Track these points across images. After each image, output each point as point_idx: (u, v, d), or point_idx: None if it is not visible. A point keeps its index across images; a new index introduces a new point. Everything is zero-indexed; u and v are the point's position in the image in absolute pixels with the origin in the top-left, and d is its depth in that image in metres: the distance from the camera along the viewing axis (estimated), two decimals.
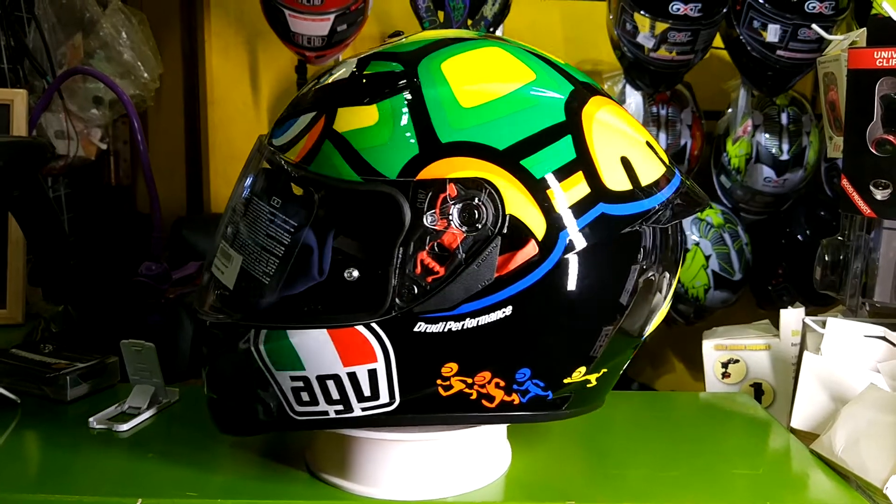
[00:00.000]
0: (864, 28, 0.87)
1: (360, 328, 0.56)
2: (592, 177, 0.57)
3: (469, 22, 1.49)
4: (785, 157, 1.68)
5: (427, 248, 0.54)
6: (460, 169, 0.54)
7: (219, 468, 0.69)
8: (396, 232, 0.54)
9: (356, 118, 0.56)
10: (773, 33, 1.49)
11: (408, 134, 0.55)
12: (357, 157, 0.55)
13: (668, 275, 0.62)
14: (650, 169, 0.61)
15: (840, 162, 0.89)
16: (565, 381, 0.60)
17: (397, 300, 0.55)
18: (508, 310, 0.55)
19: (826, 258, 0.98)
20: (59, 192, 1.46)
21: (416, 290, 0.55)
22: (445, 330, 0.55)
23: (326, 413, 0.59)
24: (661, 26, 1.49)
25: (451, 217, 0.54)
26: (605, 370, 0.63)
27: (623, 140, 0.60)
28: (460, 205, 0.54)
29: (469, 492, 0.65)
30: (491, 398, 0.59)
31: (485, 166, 0.55)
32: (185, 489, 0.64)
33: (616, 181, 0.58)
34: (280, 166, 0.59)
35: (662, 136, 1.70)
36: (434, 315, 0.55)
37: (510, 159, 0.55)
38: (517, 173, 0.55)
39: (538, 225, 0.55)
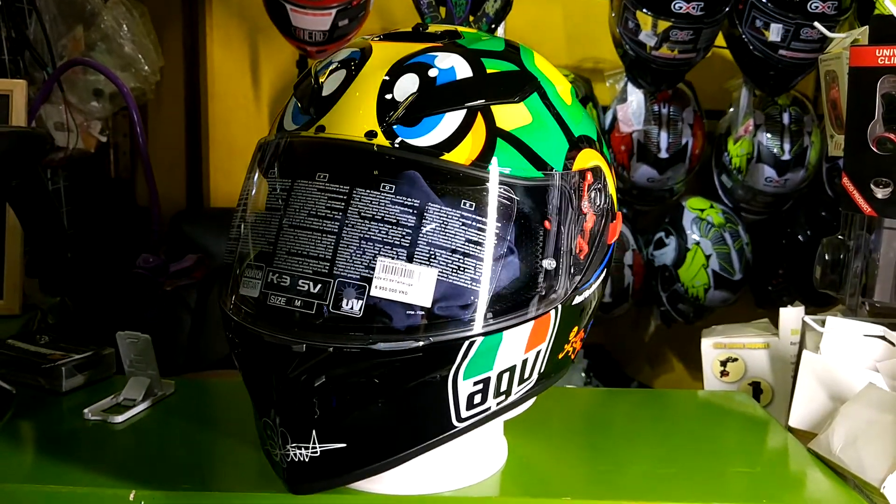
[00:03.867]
0: (866, 26, 0.87)
1: (552, 312, 0.59)
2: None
3: (471, 18, 1.48)
4: (786, 156, 1.68)
5: (580, 230, 0.61)
6: (589, 159, 0.63)
7: (213, 460, 0.69)
8: (571, 219, 0.60)
9: (514, 116, 0.59)
10: (775, 33, 1.48)
11: (558, 129, 0.61)
12: (533, 153, 0.58)
13: None
14: None
15: (841, 161, 0.88)
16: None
17: (570, 280, 0.61)
18: (605, 271, 0.66)
19: (826, 257, 0.98)
20: (58, 184, 1.46)
21: (576, 269, 0.61)
22: (584, 298, 0.63)
23: (490, 408, 0.60)
24: (663, 24, 1.48)
25: (591, 201, 0.62)
26: None
27: None
28: (594, 190, 0.62)
29: (465, 487, 0.65)
30: (575, 350, 0.66)
31: (597, 156, 0.64)
32: (179, 481, 0.64)
33: None
34: (450, 168, 0.56)
35: (664, 134, 1.70)
36: (583, 287, 0.62)
37: (602, 149, 0.65)
38: (607, 160, 0.66)
39: (614, 201, 0.67)
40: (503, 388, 0.59)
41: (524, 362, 0.60)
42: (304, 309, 0.54)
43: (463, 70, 0.59)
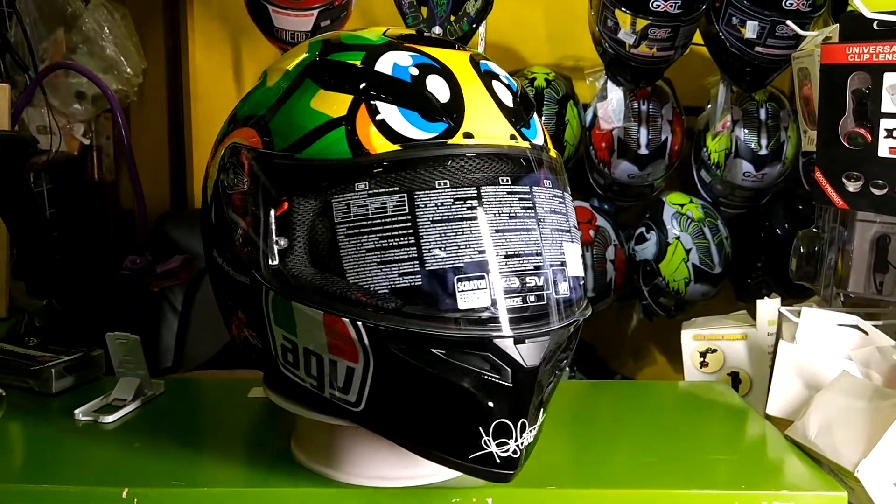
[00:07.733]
0: (837, 24, 0.89)
1: None
2: None
3: (452, 18, 1.50)
4: (764, 151, 1.71)
5: None
6: None
7: (205, 458, 0.70)
8: None
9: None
10: (751, 30, 1.51)
11: None
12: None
13: None
14: None
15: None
16: None
17: None
18: None
19: (802, 249, 1.00)
20: (41, 187, 1.45)
21: None
22: None
23: None
24: (641, 23, 1.50)
25: None
26: None
27: None
28: None
29: (450, 479, 0.66)
30: None
31: None
32: (171, 478, 0.65)
33: None
34: (559, 162, 0.66)
35: (644, 131, 1.72)
36: None
37: None
38: None
39: None
40: None
41: None
42: (537, 302, 0.59)
43: (518, 86, 0.66)
